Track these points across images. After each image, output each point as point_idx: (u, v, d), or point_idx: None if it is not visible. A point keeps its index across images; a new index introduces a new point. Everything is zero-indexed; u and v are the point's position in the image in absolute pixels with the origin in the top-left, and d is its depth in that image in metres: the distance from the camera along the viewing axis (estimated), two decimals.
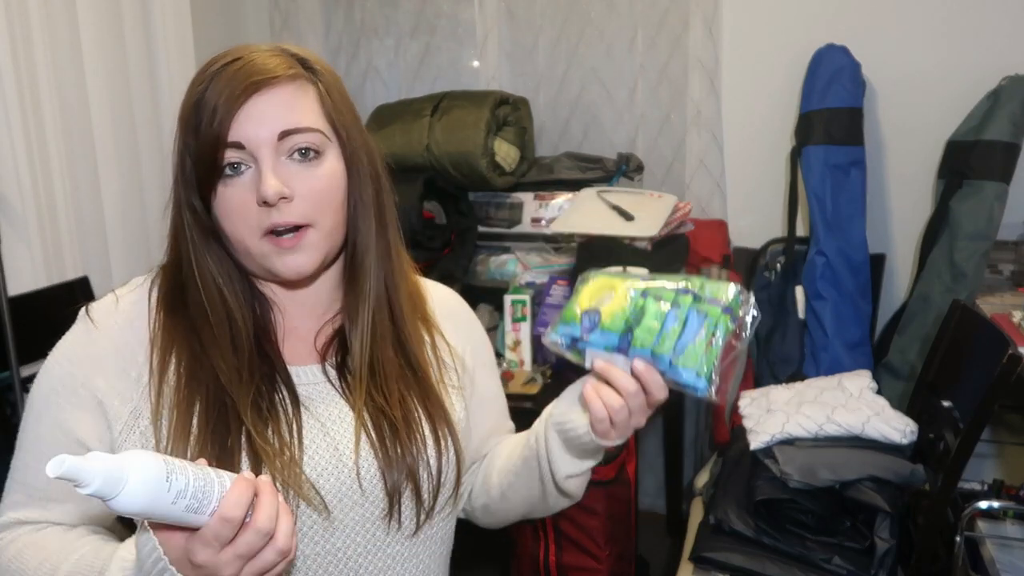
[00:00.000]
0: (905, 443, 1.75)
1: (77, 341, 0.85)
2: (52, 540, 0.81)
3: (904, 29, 2.36)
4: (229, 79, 0.79)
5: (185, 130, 0.82)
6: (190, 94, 0.81)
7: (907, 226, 2.45)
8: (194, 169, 0.82)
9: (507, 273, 2.55)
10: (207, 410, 0.80)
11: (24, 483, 0.84)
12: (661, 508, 2.82)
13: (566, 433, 0.88)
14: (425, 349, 0.93)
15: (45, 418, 0.83)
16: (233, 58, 0.81)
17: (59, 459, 0.59)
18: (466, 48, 2.86)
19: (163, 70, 2.50)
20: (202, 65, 0.83)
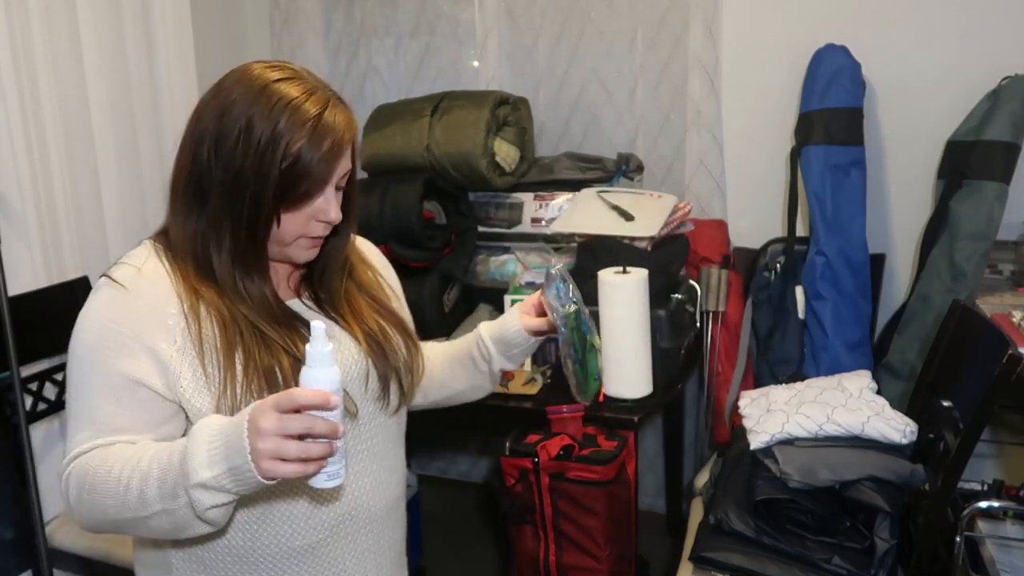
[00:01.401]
0: (905, 443, 1.75)
1: (113, 303, 0.99)
2: (126, 445, 0.95)
3: (904, 29, 2.37)
4: (331, 148, 0.99)
5: (265, 161, 0.97)
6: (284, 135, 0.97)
7: (907, 226, 2.45)
8: (273, 197, 0.99)
9: (507, 273, 2.55)
10: (245, 343, 0.99)
11: (92, 421, 0.97)
12: (661, 508, 2.83)
13: (504, 334, 1.24)
14: (373, 281, 1.21)
15: (100, 368, 0.97)
16: (319, 111, 0.99)
17: (317, 329, 0.85)
18: (466, 48, 2.86)
19: (163, 70, 2.50)
20: (294, 97, 0.99)
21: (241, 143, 0.97)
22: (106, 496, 0.91)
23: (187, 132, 1.04)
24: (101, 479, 0.91)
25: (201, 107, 1.04)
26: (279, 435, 0.81)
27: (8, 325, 1.87)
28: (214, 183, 1.00)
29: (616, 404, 2.00)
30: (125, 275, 1.01)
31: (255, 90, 0.99)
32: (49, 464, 2.18)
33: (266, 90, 0.99)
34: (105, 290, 1.01)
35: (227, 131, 0.98)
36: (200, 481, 0.84)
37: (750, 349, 2.49)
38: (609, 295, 1.97)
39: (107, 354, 0.97)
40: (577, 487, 1.85)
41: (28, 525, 1.90)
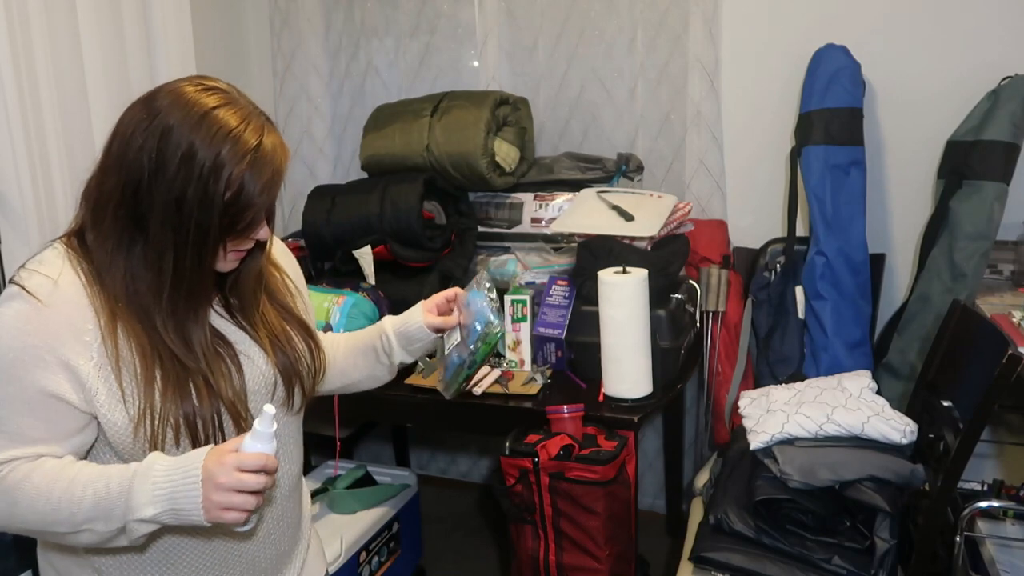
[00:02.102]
0: (905, 443, 1.75)
1: (29, 316, 0.98)
2: (52, 463, 0.99)
3: (904, 29, 2.37)
4: (270, 179, 1.01)
5: (212, 195, 0.98)
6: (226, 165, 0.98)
7: (907, 226, 2.45)
8: (219, 226, 1.00)
9: (507, 273, 2.55)
10: (165, 372, 1.02)
11: (5, 433, 0.98)
12: (661, 508, 2.83)
13: (407, 329, 1.31)
14: (280, 285, 1.24)
15: (15, 382, 0.97)
16: (258, 141, 1.00)
17: (266, 415, 0.95)
18: (466, 48, 2.86)
19: (163, 70, 2.50)
20: (233, 127, 0.99)
21: (183, 170, 0.97)
22: (30, 511, 0.97)
23: (115, 151, 1.01)
24: (26, 495, 0.96)
25: (130, 127, 1.00)
26: (234, 490, 0.94)
27: None
28: (154, 208, 0.98)
29: (616, 404, 2.00)
30: (40, 287, 0.99)
31: (194, 117, 0.98)
32: None
33: (206, 118, 0.98)
34: (19, 302, 0.99)
35: (167, 157, 0.97)
36: (140, 517, 0.94)
37: (750, 349, 2.49)
38: (609, 295, 1.98)
39: (23, 368, 0.97)
40: (577, 487, 1.85)
41: None
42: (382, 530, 2.21)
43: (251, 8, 3.05)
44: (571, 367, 2.19)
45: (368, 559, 2.15)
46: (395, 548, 2.30)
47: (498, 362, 2.27)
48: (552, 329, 2.20)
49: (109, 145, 1.03)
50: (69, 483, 0.96)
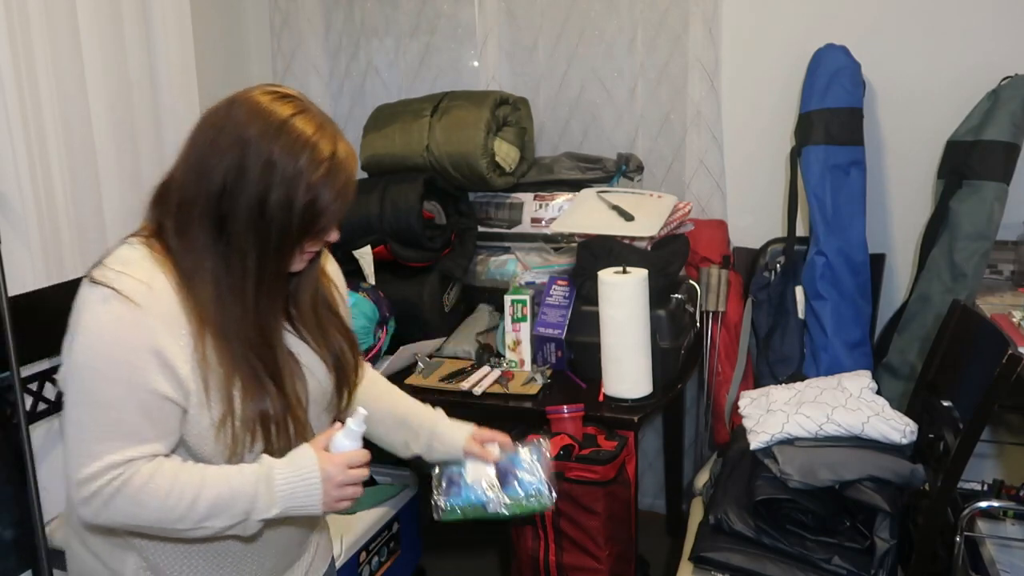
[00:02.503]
0: (905, 443, 1.75)
1: (127, 319, 1.02)
2: (169, 465, 1.06)
3: (904, 29, 2.37)
4: (344, 185, 1.07)
5: (294, 199, 1.04)
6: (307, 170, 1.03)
7: (907, 226, 2.45)
8: (297, 230, 1.07)
9: (507, 273, 2.55)
10: (243, 380, 1.08)
11: (119, 431, 1.03)
12: (661, 508, 2.83)
13: (446, 442, 1.36)
14: (332, 294, 1.29)
15: (125, 384, 1.02)
16: (332, 149, 1.05)
17: (359, 415, 1.13)
18: (466, 48, 2.86)
19: (163, 70, 2.50)
20: (311, 135, 1.04)
21: (265, 178, 1.02)
22: (156, 512, 1.04)
23: (194, 160, 1.06)
24: (152, 498, 1.04)
25: (209, 137, 1.06)
26: (347, 484, 1.11)
27: (8, 325, 1.86)
28: (238, 215, 1.04)
29: (616, 404, 2.00)
30: (135, 290, 1.03)
31: (273, 126, 1.03)
32: (49, 464, 2.17)
33: (284, 127, 1.03)
34: (117, 304, 1.02)
35: (249, 166, 1.02)
36: (264, 517, 1.08)
37: (750, 349, 2.49)
38: (609, 295, 1.98)
39: (131, 370, 1.02)
40: (577, 487, 1.85)
41: (28, 525, 1.90)
42: (382, 530, 2.21)
43: (251, 8, 3.05)
44: (571, 367, 2.19)
45: (368, 559, 2.15)
46: (395, 548, 2.30)
47: (498, 362, 2.27)
48: (552, 329, 2.20)
49: (187, 154, 1.07)
50: (194, 488, 1.05)
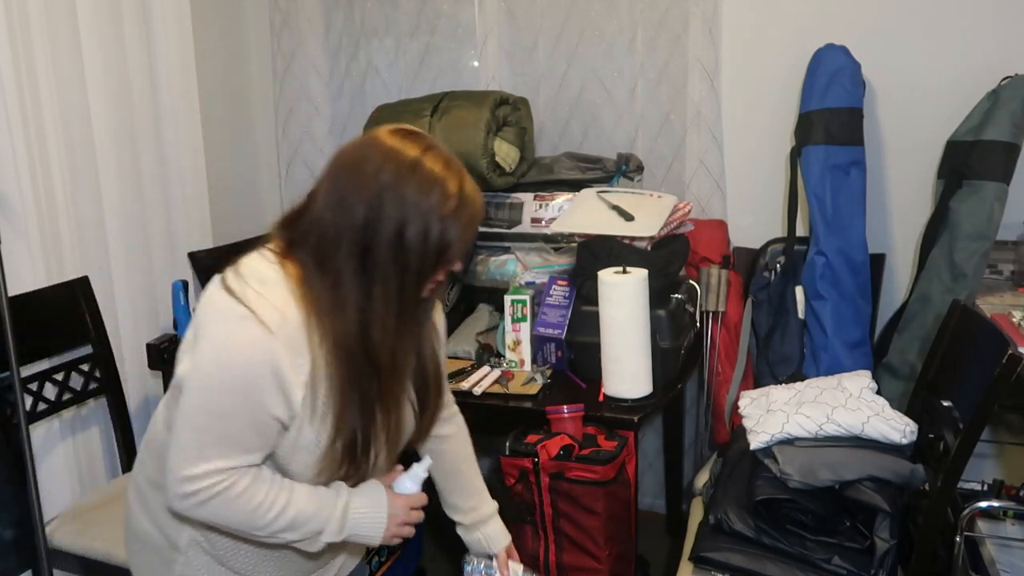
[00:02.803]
0: (905, 443, 1.75)
1: (261, 344, 1.09)
2: (265, 476, 1.17)
3: (904, 29, 2.37)
4: (471, 217, 1.15)
5: (430, 232, 1.11)
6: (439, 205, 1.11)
7: (907, 226, 2.45)
8: (429, 260, 1.14)
9: (507, 273, 2.55)
10: (362, 387, 1.17)
11: (229, 440, 1.13)
12: (661, 508, 2.83)
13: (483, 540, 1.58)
14: (436, 332, 1.37)
15: (247, 402, 1.11)
16: (460, 186, 1.13)
17: (426, 463, 1.31)
18: (466, 48, 2.86)
19: (163, 70, 2.50)
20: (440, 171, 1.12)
21: (401, 212, 1.09)
22: (243, 517, 1.16)
23: (334, 197, 1.12)
24: (245, 505, 1.15)
25: (346, 175, 1.13)
26: (406, 523, 1.27)
27: (8, 325, 1.86)
28: (380, 246, 1.10)
29: (616, 404, 2.00)
30: (270, 317, 1.10)
31: (406, 165, 1.10)
32: (49, 464, 2.18)
33: (416, 166, 1.11)
34: (252, 327, 1.09)
35: (387, 202, 1.09)
36: (331, 540, 1.21)
37: (750, 349, 2.49)
38: (609, 295, 1.98)
39: (256, 390, 1.10)
40: (577, 487, 1.85)
41: (28, 525, 1.90)
42: None
43: (251, 8, 3.05)
44: (571, 367, 2.19)
45: (368, 559, 2.15)
46: (395, 548, 2.30)
47: (498, 362, 2.27)
48: (552, 329, 2.20)
49: (326, 191, 1.14)
50: (281, 503, 1.17)
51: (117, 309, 2.38)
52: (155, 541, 1.29)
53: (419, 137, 1.15)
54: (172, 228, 2.58)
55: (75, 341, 2.16)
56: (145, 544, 1.31)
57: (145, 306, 2.49)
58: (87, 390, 2.17)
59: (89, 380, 2.18)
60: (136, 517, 1.32)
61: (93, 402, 2.27)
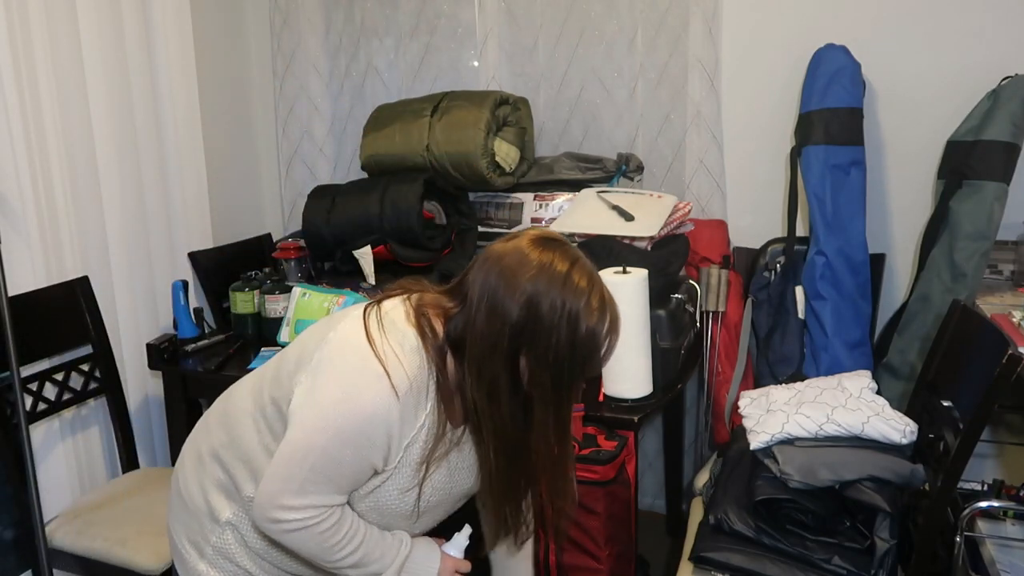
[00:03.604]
0: (905, 443, 1.75)
1: (383, 405, 1.17)
2: (348, 520, 1.26)
3: (904, 29, 2.37)
4: (612, 324, 1.20)
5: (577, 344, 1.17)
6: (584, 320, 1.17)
7: (907, 226, 2.45)
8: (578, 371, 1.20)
9: None
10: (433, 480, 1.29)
11: (331, 481, 1.20)
12: (661, 508, 2.83)
13: None
14: None
15: (358, 453, 1.19)
16: (602, 296, 1.19)
17: (466, 531, 1.40)
18: (466, 48, 2.86)
19: (163, 70, 2.50)
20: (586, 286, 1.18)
21: (553, 321, 1.15)
22: (316, 549, 1.24)
23: (488, 302, 1.18)
24: (324, 541, 1.23)
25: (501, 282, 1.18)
26: None
27: (8, 325, 1.86)
28: (534, 351, 1.16)
29: (616, 404, 2.00)
30: (402, 384, 1.17)
31: (558, 279, 1.16)
32: (49, 464, 2.18)
33: (567, 279, 1.17)
34: (383, 388, 1.16)
35: (543, 311, 1.15)
36: None
37: (750, 349, 2.49)
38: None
39: (366, 445, 1.18)
40: (577, 487, 1.85)
41: (28, 525, 1.90)
42: None
43: (251, 8, 3.05)
44: None
45: None
46: None
47: None
48: None
49: (475, 287, 1.19)
50: (353, 545, 1.25)
51: (117, 309, 2.38)
52: (200, 507, 1.35)
53: (564, 248, 1.21)
54: (172, 228, 2.58)
55: (75, 341, 2.16)
56: (188, 507, 1.37)
57: (145, 306, 2.49)
58: (87, 390, 2.17)
59: (89, 380, 2.18)
60: (187, 480, 1.38)
61: (93, 402, 2.28)
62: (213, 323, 2.62)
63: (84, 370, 2.16)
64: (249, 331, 2.45)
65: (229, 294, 2.48)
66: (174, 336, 2.40)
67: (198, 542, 1.36)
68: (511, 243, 1.21)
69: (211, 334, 2.49)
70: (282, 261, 2.59)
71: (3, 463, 1.91)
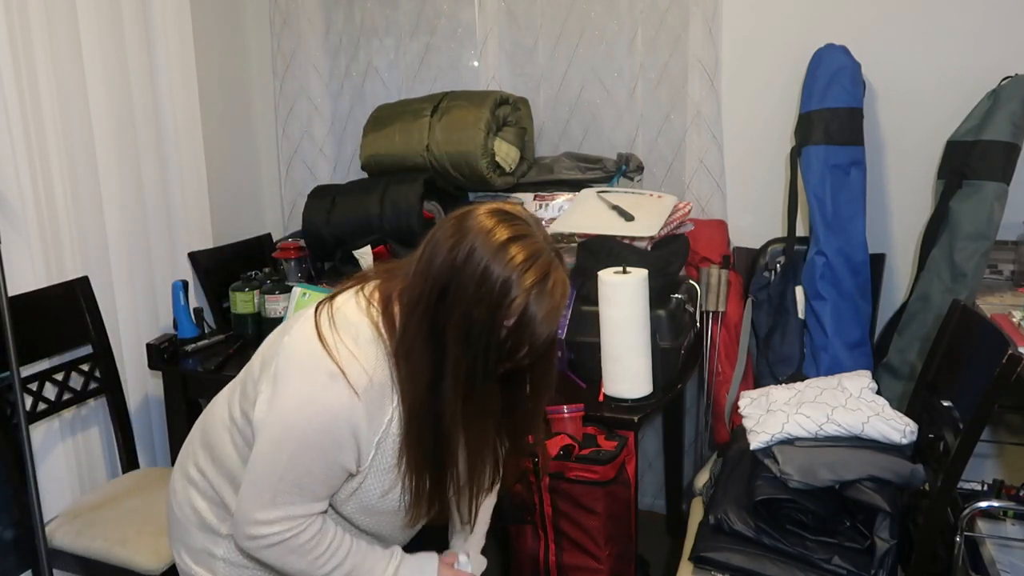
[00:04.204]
0: (905, 443, 1.75)
1: (348, 408, 1.13)
2: (329, 531, 1.23)
3: (904, 29, 2.37)
4: (547, 313, 1.11)
5: (497, 318, 1.10)
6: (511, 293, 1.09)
7: (907, 226, 2.45)
8: (505, 352, 1.14)
9: None
10: (418, 466, 1.21)
11: (302, 489, 1.17)
12: (661, 508, 2.83)
13: None
14: None
15: (325, 457, 1.15)
16: (543, 275, 1.10)
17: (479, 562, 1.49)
18: (466, 48, 2.86)
19: (163, 70, 2.50)
20: (522, 261, 1.10)
21: (476, 289, 1.09)
22: (303, 565, 1.21)
23: (425, 259, 1.14)
24: (307, 556, 1.21)
25: (440, 242, 1.13)
26: None
27: (8, 325, 1.86)
28: (452, 321, 1.10)
29: (616, 404, 2.00)
30: (359, 381, 1.13)
31: (494, 244, 1.10)
32: (49, 464, 2.18)
33: (504, 247, 1.10)
34: (340, 388, 1.12)
35: (466, 275, 1.09)
36: None
37: (750, 349, 2.48)
38: (609, 295, 1.98)
39: (334, 448, 1.15)
40: (577, 487, 1.85)
41: (28, 525, 1.90)
42: None
43: (251, 8, 3.05)
44: (571, 367, 2.19)
45: None
46: None
47: None
48: None
49: (421, 252, 1.16)
50: (339, 558, 1.23)
51: (117, 309, 2.38)
52: (199, 524, 1.34)
53: (515, 223, 1.14)
54: (172, 228, 2.58)
55: (75, 341, 2.16)
56: (187, 527, 1.35)
57: (145, 306, 2.49)
58: (87, 390, 2.17)
59: (89, 380, 2.18)
60: (181, 503, 1.37)
61: (93, 402, 2.28)
62: (213, 323, 2.63)
63: (84, 370, 2.16)
64: (249, 331, 2.45)
65: (229, 294, 2.48)
66: (174, 336, 2.40)
67: (205, 560, 1.34)
68: (471, 207, 1.17)
69: (211, 334, 2.49)
70: (282, 261, 2.59)
71: (3, 463, 1.91)
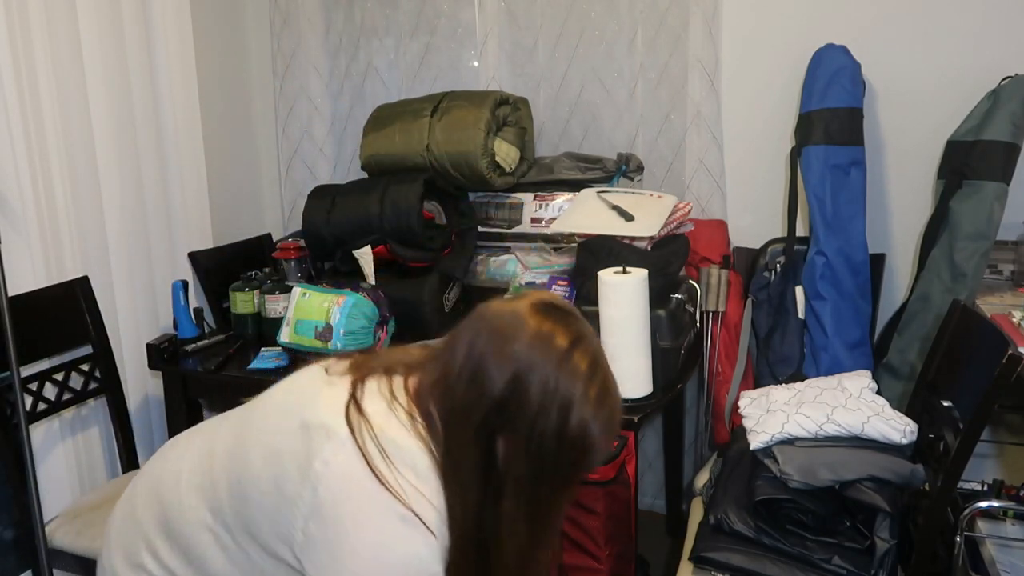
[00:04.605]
0: (905, 443, 1.75)
1: (423, 549, 0.98)
2: None
3: (904, 29, 2.37)
4: (609, 419, 1.02)
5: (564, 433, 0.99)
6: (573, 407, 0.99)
7: (907, 226, 2.45)
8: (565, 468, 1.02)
9: (507, 273, 2.55)
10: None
11: None
12: (661, 508, 2.83)
13: None
14: None
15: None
16: (604, 384, 1.03)
17: None
18: (466, 48, 2.86)
19: (163, 70, 2.50)
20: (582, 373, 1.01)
21: (542, 401, 0.98)
22: None
23: (472, 366, 1.01)
24: None
25: (487, 350, 1.01)
26: None
27: (8, 325, 1.86)
28: (513, 436, 0.99)
29: None
30: (431, 519, 0.99)
31: (556, 355, 1.00)
32: (49, 464, 2.18)
33: (566, 358, 1.00)
34: (418, 534, 0.98)
35: (531, 387, 0.98)
36: None
37: (750, 349, 2.48)
38: (609, 295, 1.98)
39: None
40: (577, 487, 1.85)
41: (28, 525, 1.90)
42: None
43: (251, 8, 3.05)
44: None
45: None
46: None
47: None
48: None
49: (457, 349, 1.03)
50: None
51: (117, 309, 2.38)
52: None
53: (568, 321, 1.04)
54: (172, 228, 2.58)
55: (75, 341, 2.16)
56: None
57: (145, 306, 2.49)
58: (87, 390, 2.17)
59: (89, 380, 2.18)
60: (122, 561, 1.18)
61: (93, 402, 2.28)
62: (213, 323, 2.63)
63: (84, 370, 2.16)
64: (249, 331, 2.45)
65: (229, 294, 2.48)
66: (174, 336, 2.40)
67: None
68: (509, 304, 1.04)
69: (211, 334, 2.49)
70: (282, 261, 2.59)
71: (3, 463, 1.91)
